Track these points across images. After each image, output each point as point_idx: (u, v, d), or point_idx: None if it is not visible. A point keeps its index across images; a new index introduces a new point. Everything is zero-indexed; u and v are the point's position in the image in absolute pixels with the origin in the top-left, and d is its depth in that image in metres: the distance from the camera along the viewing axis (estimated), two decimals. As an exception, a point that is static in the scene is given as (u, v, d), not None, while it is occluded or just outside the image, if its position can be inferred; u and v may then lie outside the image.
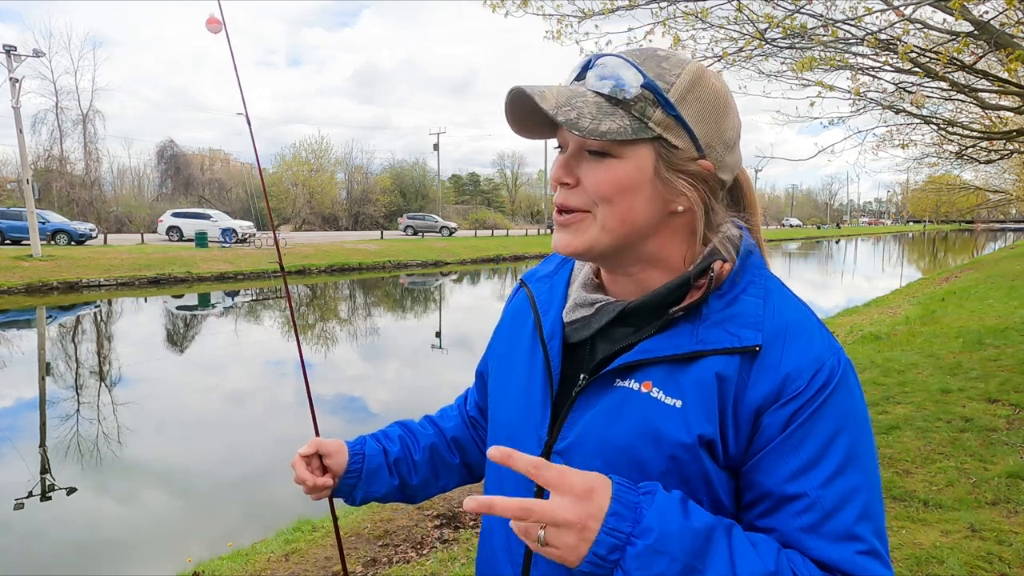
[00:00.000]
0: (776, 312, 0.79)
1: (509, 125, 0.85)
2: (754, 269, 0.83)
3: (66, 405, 8.62)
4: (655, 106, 0.77)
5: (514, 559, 0.89)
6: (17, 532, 5.19)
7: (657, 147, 0.78)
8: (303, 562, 3.77)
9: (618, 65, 0.78)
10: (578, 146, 0.80)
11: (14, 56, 21.65)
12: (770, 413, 0.75)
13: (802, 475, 0.73)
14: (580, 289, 0.91)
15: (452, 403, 1.25)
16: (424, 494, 1.16)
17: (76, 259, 21.38)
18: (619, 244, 0.81)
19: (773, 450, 0.74)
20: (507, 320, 1.04)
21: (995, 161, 13.20)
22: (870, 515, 0.74)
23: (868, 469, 0.75)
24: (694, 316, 0.80)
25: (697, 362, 0.77)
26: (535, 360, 0.91)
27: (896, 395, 6.10)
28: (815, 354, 0.76)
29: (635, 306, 0.83)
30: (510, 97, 0.79)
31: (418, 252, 31.87)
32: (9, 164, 43.68)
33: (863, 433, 0.77)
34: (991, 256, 34.41)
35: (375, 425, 1.18)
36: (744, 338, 0.77)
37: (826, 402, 0.74)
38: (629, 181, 0.78)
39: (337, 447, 1.08)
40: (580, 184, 0.80)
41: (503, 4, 5.05)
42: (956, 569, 3.08)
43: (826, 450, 0.73)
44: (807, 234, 79.45)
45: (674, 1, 4.94)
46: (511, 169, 76.24)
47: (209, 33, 1.43)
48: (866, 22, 4.70)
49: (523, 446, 0.88)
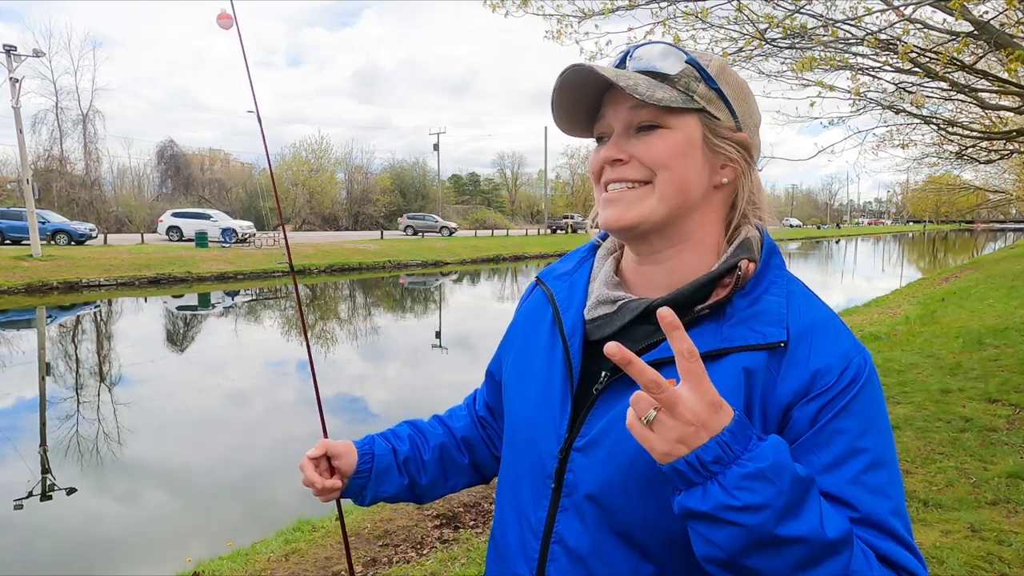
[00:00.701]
0: (801, 311, 0.81)
1: (555, 113, 0.87)
2: (776, 270, 0.85)
3: (66, 405, 8.62)
4: (698, 81, 0.84)
5: (528, 554, 0.89)
6: (17, 532, 5.19)
7: (702, 118, 0.84)
8: (303, 562, 3.77)
9: (660, 48, 0.85)
10: (626, 126, 0.84)
11: (14, 56, 21.65)
12: (799, 407, 0.75)
13: (834, 469, 0.73)
14: (602, 286, 0.91)
15: (460, 403, 1.24)
16: (432, 494, 1.15)
17: (76, 259, 21.37)
18: (670, 216, 0.83)
19: (802, 445, 0.75)
20: (522, 318, 1.03)
21: (995, 161, 13.21)
22: (900, 513, 0.75)
23: (894, 466, 0.77)
24: (719, 315, 0.81)
25: (723, 359, 0.78)
26: (554, 357, 0.91)
27: (896, 395, 6.10)
28: (843, 351, 0.78)
29: (661, 303, 0.83)
30: (565, 75, 0.82)
31: (418, 252, 31.87)
32: (9, 164, 43.73)
33: (888, 431, 0.79)
34: (991, 256, 34.40)
35: (375, 425, 1.18)
36: (769, 335, 0.78)
37: (855, 398, 0.75)
38: (684, 147, 0.82)
39: (346, 448, 1.07)
40: (632, 159, 0.83)
41: (503, 4, 5.05)
42: (956, 569, 3.08)
43: (856, 446, 0.74)
44: (807, 234, 79.41)
45: (674, 1, 4.95)
46: (511, 169, 76.29)
47: (220, 30, 1.44)
48: (866, 22, 4.70)
49: (542, 442, 0.89)
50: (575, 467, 0.84)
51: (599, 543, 0.82)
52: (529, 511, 0.90)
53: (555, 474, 0.86)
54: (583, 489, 0.83)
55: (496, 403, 1.13)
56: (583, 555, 0.83)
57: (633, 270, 0.90)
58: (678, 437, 0.65)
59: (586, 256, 1.00)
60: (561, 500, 0.85)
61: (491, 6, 5.04)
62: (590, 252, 1.01)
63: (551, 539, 0.86)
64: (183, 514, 5.62)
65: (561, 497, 0.85)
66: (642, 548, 0.80)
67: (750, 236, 0.87)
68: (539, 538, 0.88)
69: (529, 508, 0.90)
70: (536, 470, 0.89)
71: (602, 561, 0.82)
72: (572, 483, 0.84)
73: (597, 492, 0.82)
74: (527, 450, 0.92)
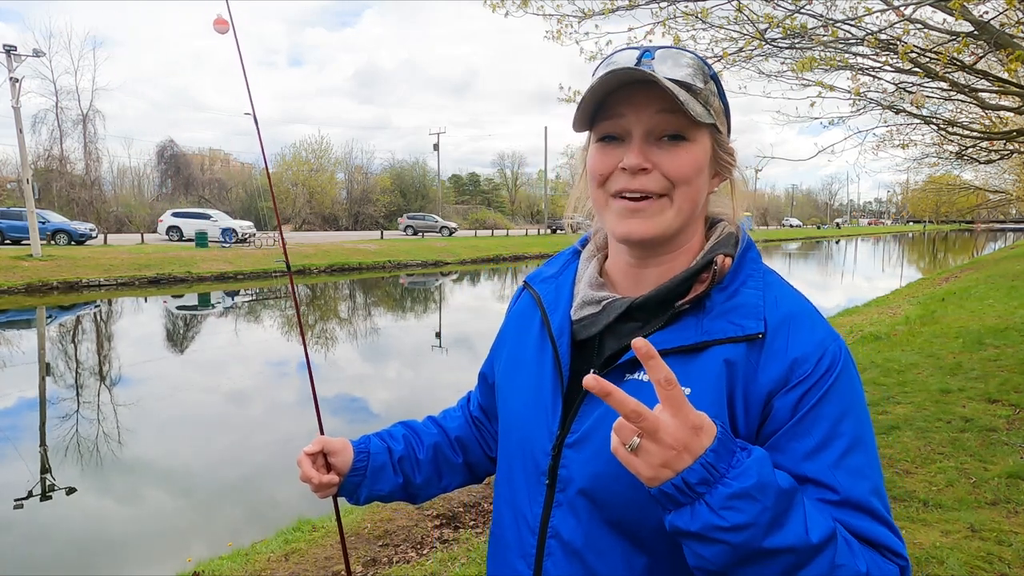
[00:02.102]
0: (777, 303, 0.83)
1: (582, 110, 0.84)
2: (752, 263, 0.88)
3: (66, 405, 8.62)
4: (715, 96, 0.86)
5: (526, 550, 0.91)
6: (17, 532, 5.19)
7: (712, 132, 0.86)
8: (303, 562, 3.77)
9: (690, 60, 0.85)
10: (648, 132, 0.83)
11: (14, 56, 21.64)
12: (780, 396, 0.78)
13: (816, 455, 0.76)
14: (587, 288, 0.94)
15: (454, 404, 1.26)
16: (427, 493, 1.16)
17: (76, 259, 21.37)
18: (681, 227, 0.86)
19: (785, 433, 0.78)
20: (512, 322, 1.06)
21: (995, 161, 13.21)
22: (879, 493, 0.78)
23: (872, 449, 0.80)
24: (698, 309, 0.84)
25: (704, 352, 0.81)
26: (544, 358, 0.94)
27: (896, 395, 6.09)
28: (819, 339, 0.81)
29: (642, 301, 0.87)
30: (619, 74, 0.80)
31: (418, 252, 31.87)
32: (9, 164, 43.71)
33: (865, 414, 0.82)
34: (991, 256, 34.40)
35: (375, 424, 1.19)
36: (747, 327, 0.81)
37: (832, 385, 0.78)
38: (703, 162, 0.85)
39: (342, 445, 1.09)
40: (655, 170, 0.83)
41: (503, 4, 5.05)
42: (956, 569, 3.08)
43: (835, 431, 0.77)
44: (807, 234, 79.43)
45: (674, 1, 4.94)
46: (511, 169, 76.31)
47: (216, 34, 1.42)
48: (866, 22, 4.70)
49: (535, 440, 0.91)
50: (568, 463, 0.86)
51: (593, 536, 0.84)
52: (525, 508, 0.92)
53: (548, 471, 0.89)
54: (576, 484, 0.85)
55: (489, 404, 1.16)
56: (578, 548, 0.85)
57: (623, 272, 0.93)
58: (662, 462, 0.66)
59: (570, 259, 1.03)
60: (555, 496, 0.88)
61: (491, 6, 5.04)
62: (574, 255, 1.04)
63: (547, 534, 0.88)
64: (183, 514, 5.62)
65: (555, 493, 0.88)
66: (634, 538, 0.82)
67: (726, 232, 0.90)
68: (535, 534, 0.90)
69: (525, 505, 0.92)
70: (530, 468, 0.92)
71: (596, 553, 0.84)
72: (565, 479, 0.87)
73: (589, 486, 0.84)
74: (521, 449, 0.94)
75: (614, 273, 0.95)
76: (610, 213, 0.86)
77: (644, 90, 0.82)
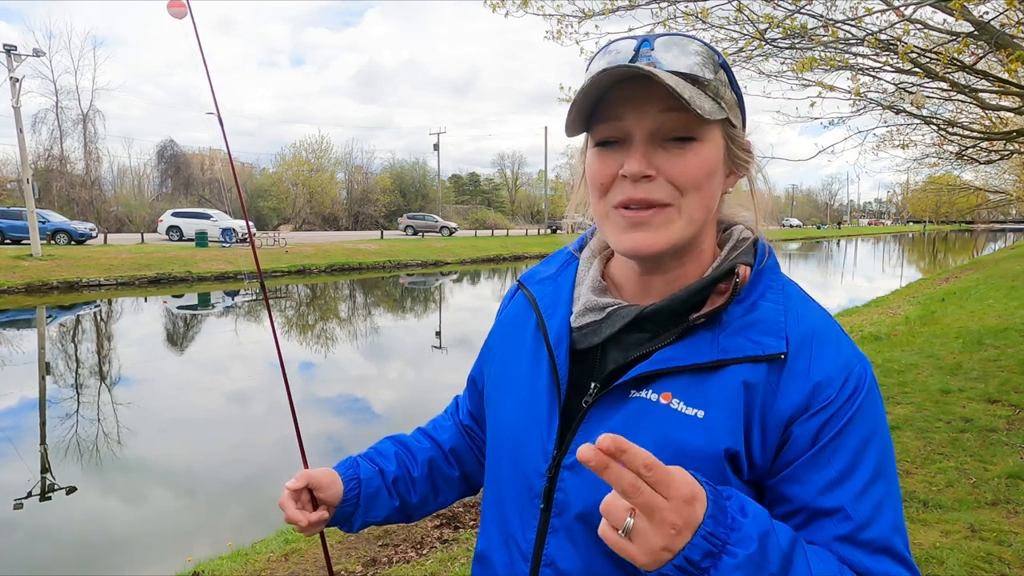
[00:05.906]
0: (799, 319, 0.77)
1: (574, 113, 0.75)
2: (771, 272, 0.81)
3: (66, 405, 8.61)
4: (726, 86, 0.77)
5: None
6: (17, 532, 5.19)
7: (724, 126, 0.77)
8: (303, 562, 3.78)
9: (698, 48, 0.75)
10: (651, 134, 0.73)
11: (14, 56, 21.65)
12: (800, 423, 0.72)
13: (836, 487, 0.71)
14: (589, 292, 0.85)
15: (442, 413, 1.18)
16: (423, 511, 1.09)
17: (76, 259, 21.37)
18: (692, 235, 0.77)
19: (805, 463, 0.72)
20: (504, 325, 0.97)
21: (995, 161, 13.20)
22: (900, 528, 0.73)
23: (894, 477, 0.74)
24: (714, 323, 0.76)
25: (721, 371, 0.74)
26: (539, 368, 0.85)
27: (896, 395, 6.09)
28: (843, 361, 0.74)
29: (653, 311, 0.78)
30: (615, 73, 0.71)
31: (418, 252, 31.87)
32: (9, 164, 43.64)
33: (888, 441, 0.76)
34: (991, 256, 34.39)
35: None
36: (767, 346, 0.74)
37: (857, 412, 0.73)
38: (715, 163, 0.76)
39: (330, 479, 0.98)
40: (659, 176, 0.74)
41: (503, 4, 5.05)
42: (956, 569, 3.08)
43: (858, 461, 0.72)
44: (807, 234, 79.37)
45: (674, 1, 4.95)
46: (511, 169, 76.31)
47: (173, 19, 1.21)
48: (866, 22, 4.70)
49: (528, 460, 0.83)
50: (565, 486, 0.79)
51: (591, 565, 0.78)
52: (517, 532, 0.85)
53: (543, 493, 0.81)
54: (574, 509, 0.78)
55: (479, 411, 1.07)
56: None
57: (628, 277, 0.84)
58: (664, 543, 0.58)
59: (570, 258, 0.94)
60: (551, 521, 0.80)
61: (491, 6, 5.04)
62: (572, 255, 0.94)
63: (541, 563, 0.81)
64: (183, 514, 5.61)
65: (551, 518, 0.80)
66: (634, 569, 0.77)
67: (742, 237, 0.82)
68: (528, 561, 0.83)
69: (517, 529, 0.85)
70: (522, 488, 0.84)
71: None
72: (563, 503, 0.79)
73: (589, 512, 0.76)
74: (512, 467, 0.86)
75: (619, 277, 0.86)
76: (612, 226, 0.77)
77: (644, 86, 0.71)
